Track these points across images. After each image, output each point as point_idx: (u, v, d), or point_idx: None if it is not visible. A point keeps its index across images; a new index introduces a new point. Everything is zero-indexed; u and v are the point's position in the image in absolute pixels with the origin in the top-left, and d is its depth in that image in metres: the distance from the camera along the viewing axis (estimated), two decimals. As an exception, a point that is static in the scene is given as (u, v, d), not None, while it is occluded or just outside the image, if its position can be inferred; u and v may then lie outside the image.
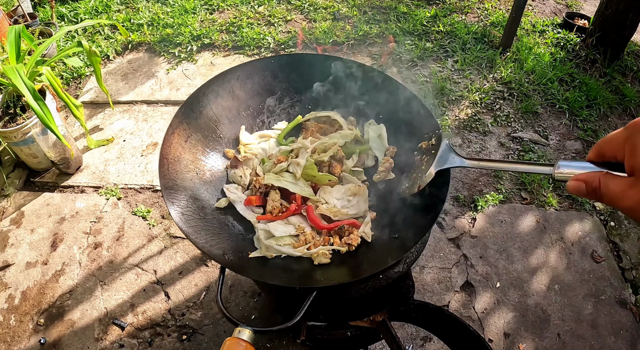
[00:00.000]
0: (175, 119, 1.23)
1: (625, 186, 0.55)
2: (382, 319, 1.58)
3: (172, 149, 1.19)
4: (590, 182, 0.59)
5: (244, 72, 1.41)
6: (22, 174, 2.93)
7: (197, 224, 1.10)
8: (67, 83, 3.51)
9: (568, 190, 0.63)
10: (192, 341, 2.18)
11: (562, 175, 0.66)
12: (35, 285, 2.43)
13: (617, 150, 0.56)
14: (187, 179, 1.20)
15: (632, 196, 0.53)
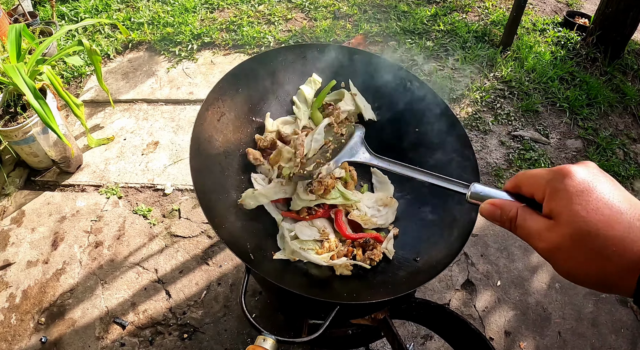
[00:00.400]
0: (211, 93, 1.16)
1: (542, 227, 0.56)
2: (383, 317, 1.59)
3: (204, 128, 1.12)
4: (506, 210, 0.61)
5: (290, 55, 1.34)
6: (22, 173, 2.93)
7: (225, 215, 1.05)
8: (67, 82, 3.51)
9: (481, 213, 0.63)
10: (193, 340, 2.18)
11: (476, 199, 0.64)
12: (36, 284, 2.43)
13: (536, 188, 0.58)
14: (216, 162, 1.14)
15: (548, 239, 0.55)
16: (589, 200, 0.52)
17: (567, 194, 0.54)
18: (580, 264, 0.53)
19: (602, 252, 0.51)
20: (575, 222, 0.52)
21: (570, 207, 0.53)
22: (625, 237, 0.50)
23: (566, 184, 0.54)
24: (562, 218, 0.54)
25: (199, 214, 2.64)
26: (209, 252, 2.47)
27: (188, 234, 2.55)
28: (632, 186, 2.82)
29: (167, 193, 2.74)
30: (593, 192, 0.53)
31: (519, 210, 0.59)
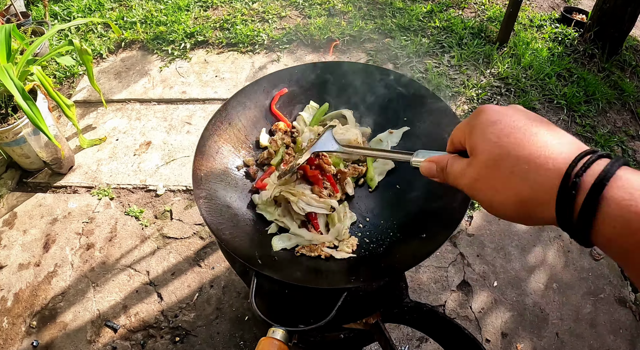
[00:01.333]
0: (205, 131, 1.25)
1: (464, 165, 0.58)
2: (375, 321, 1.56)
3: (204, 161, 1.22)
4: (440, 162, 0.64)
5: (270, 82, 1.43)
6: (14, 174, 2.90)
7: (231, 231, 1.12)
8: (60, 82, 3.48)
9: (421, 172, 0.67)
10: (185, 343, 2.16)
11: (418, 161, 0.70)
12: (28, 287, 2.40)
13: (462, 136, 0.60)
14: (219, 188, 1.22)
15: (468, 174, 0.57)
16: (501, 128, 0.53)
17: (480, 127, 0.55)
18: (497, 190, 0.52)
19: (516, 172, 0.50)
20: (487, 149, 0.53)
21: (484, 137, 0.54)
22: (539, 155, 0.49)
23: (480, 119, 0.56)
24: (477, 149, 0.55)
25: (191, 215, 2.61)
26: (201, 254, 2.44)
27: (180, 235, 2.52)
28: (630, 184, 2.78)
29: (159, 194, 2.71)
30: (506, 120, 0.54)
31: (449, 160, 0.62)
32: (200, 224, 2.56)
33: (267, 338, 0.88)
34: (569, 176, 0.46)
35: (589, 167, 0.46)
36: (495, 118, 0.55)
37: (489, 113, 0.56)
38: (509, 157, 0.51)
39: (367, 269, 1.14)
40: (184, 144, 2.96)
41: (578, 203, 0.45)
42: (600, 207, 0.44)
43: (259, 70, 3.41)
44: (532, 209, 0.50)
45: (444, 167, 0.63)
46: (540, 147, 0.50)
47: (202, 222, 2.57)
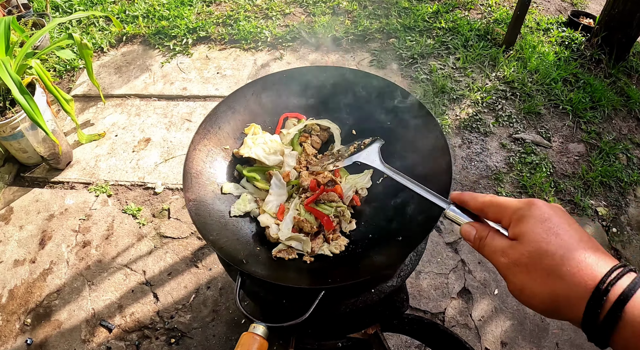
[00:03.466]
0: (196, 135, 1.28)
1: (506, 245, 0.63)
2: (374, 332, 1.53)
3: (194, 164, 1.25)
4: (480, 231, 0.68)
5: (258, 87, 1.44)
6: (12, 168, 2.87)
7: (220, 232, 1.15)
8: (60, 75, 3.44)
9: (460, 232, 0.72)
10: (181, 345, 2.13)
11: (453, 216, 0.74)
12: (23, 283, 2.37)
13: (504, 215, 0.65)
14: (208, 191, 1.25)
15: (510, 255, 0.61)
16: (550, 226, 0.59)
17: (532, 220, 0.60)
18: (533, 280, 0.58)
19: (556, 271, 0.56)
20: (536, 241, 0.59)
21: (534, 229, 0.59)
22: (579, 262, 0.55)
23: (532, 212, 0.61)
24: (525, 238, 0.60)
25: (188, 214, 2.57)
26: (199, 255, 2.41)
27: (177, 235, 2.49)
28: (634, 192, 2.75)
29: (157, 192, 2.68)
30: (555, 221, 0.60)
31: (491, 232, 0.67)
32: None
33: (248, 333, 0.92)
34: (604, 283, 0.53)
35: (618, 280, 0.53)
36: (547, 216, 0.60)
37: (542, 209, 0.61)
38: (554, 256, 0.57)
39: (345, 270, 1.15)
40: (183, 142, 2.92)
41: (605, 309, 0.52)
42: (622, 316, 0.51)
43: (262, 67, 3.37)
44: (561, 306, 0.56)
45: (484, 237, 0.67)
46: (582, 255, 0.56)
47: (200, 221, 2.53)
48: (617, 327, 0.51)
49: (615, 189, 2.74)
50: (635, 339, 0.50)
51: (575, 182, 2.74)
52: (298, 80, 1.47)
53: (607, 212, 2.63)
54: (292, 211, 1.19)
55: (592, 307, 0.52)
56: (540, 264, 0.57)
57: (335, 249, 1.16)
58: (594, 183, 2.73)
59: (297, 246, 1.15)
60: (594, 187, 2.72)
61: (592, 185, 2.73)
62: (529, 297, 0.59)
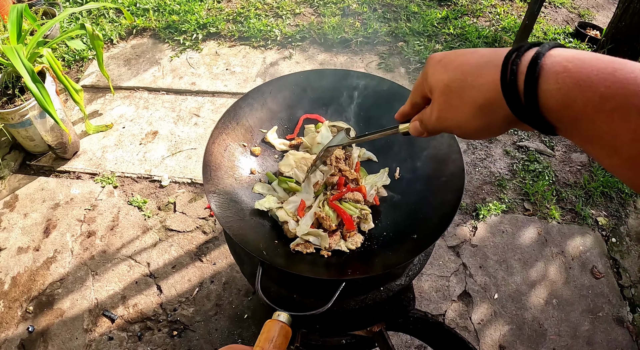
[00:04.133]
0: (215, 129, 1.31)
1: (429, 107, 0.64)
2: (379, 329, 1.55)
3: (213, 157, 1.27)
4: (418, 117, 0.70)
5: (277, 86, 1.47)
6: (18, 156, 2.88)
7: (238, 224, 1.17)
8: (68, 65, 3.44)
9: (411, 133, 0.73)
10: (183, 338, 2.15)
11: (405, 127, 0.76)
12: (26, 271, 2.38)
13: (421, 89, 0.66)
14: (227, 184, 1.28)
15: (434, 109, 0.62)
16: (446, 61, 0.59)
17: (430, 70, 0.62)
18: (458, 109, 0.57)
19: (466, 86, 0.55)
20: (439, 79, 0.59)
21: (434, 73, 0.60)
22: (480, 63, 0.54)
23: (428, 65, 0.63)
24: (433, 86, 0.61)
25: (194, 208, 2.59)
26: (203, 249, 2.42)
27: (183, 228, 2.51)
28: (634, 203, 2.78)
29: (163, 185, 2.69)
30: (449, 55, 0.60)
31: (422, 111, 0.69)
32: (203, 218, 2.55)
33: (272, 320, 0.93)
34: (507, 65, 0.50)
35: (523, 54, 0.50)
36: (440, 57, 0.61)
37: (433, 56, 0.63)
38: (456, 77, 0.57)
39: (361, 264, 1.18)
40: (191, 136, 2.94)
41: (520, 86, 0.49)
42: (540, 84, 0.47)
43: (271, 66, 3.39)
44: (490, 113, 0.54)
45: (422, 119, 0.68)
46: (481, 57, 0.55)
47: (205, 216, 2.55)
48: (540, 98, 0.48)
49: (616, 199, 2.78)
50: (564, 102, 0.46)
51: (577, 192, 2.77)
52: (317, 82, 1.49)
53: (607, 222, 2.67)
54: (314, 207, 1.21)
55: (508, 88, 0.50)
56: (452, 92, 0.57)
57: (352, 245, 1.18)
58: (595, 193, 2.76)
59: (315, 241, 1.17)
60: (595, 197, 2.75)
61: (593, 195, 2.76)
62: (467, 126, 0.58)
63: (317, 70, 1.52)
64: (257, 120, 1.46)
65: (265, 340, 0.87)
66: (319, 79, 1.49)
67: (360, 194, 1.24)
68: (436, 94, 0.60)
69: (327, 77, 1.49)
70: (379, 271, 1.09)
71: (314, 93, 1.51)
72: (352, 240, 1.19)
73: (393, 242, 1.20)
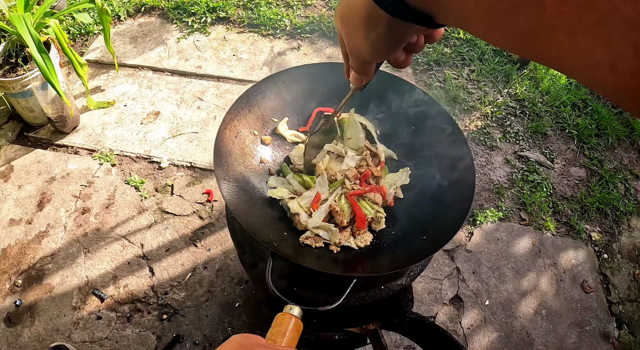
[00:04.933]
0: (227, 115, 1.29)
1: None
2: (374, 328, 1.55)
3: (225, 143, 1.26)
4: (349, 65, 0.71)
5: (291, 76, 1.45)
6: (16, 126, 2.83)
7: (247, 213, 1.16)
8: (73, 38, 3.39)
9: (352, 82, 0.76)
10: (172, 322, 2.13)
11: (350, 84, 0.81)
12: (17, 244, 2.35)
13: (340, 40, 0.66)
14: (237, 171, 1.27)
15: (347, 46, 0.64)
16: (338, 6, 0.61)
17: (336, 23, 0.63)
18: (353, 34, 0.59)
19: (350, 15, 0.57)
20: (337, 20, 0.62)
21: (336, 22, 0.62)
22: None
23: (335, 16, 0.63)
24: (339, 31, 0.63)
25: (192, 192, 2.57)
26: (199, 234, 2.41)
27: (179, 212, 2.49)
28: (629, 222, 2.81)
29: (162, 167, 2.67)
30: None
31: None
32: (201, 202, 2.53)
33: (284, 313, 0.92)
34: None
35: None
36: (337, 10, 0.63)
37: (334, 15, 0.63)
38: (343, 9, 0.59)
39: (370, 262, 1.18)
40: (193, 119, 2.91)
41: None
42: None
43: (278, 55, 3.36)
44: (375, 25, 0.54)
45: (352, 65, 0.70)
46: None
47: (202, 201, 2.53)
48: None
49: (610, 216, 2.80)
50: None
51: (573, 205, 2.80)
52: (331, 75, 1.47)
53: (601, 238, 2.69)
54: (330, 200, 1.20)
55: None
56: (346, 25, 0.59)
57: (361, 243, 1.18)
58: (591, 208, 2.79)
59: (324, 236, 1.16)
60: (591, 212, 2.78)
61: (589, 210, 2.78)
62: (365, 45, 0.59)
63: (332, 64, 1.51)
64: (270, 109, 1.44)
65: (277, 333, 0.86)
66: (333, 73, 1.47)
67: (380, 195, 1.24)
68: (341, 34, 0.63)
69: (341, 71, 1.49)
70: (387, 270, 1.09)
71: (327, 86, 1.48)
72: (361, 238, 1.19)
73: (402, 242, 1.20)
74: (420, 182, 1.35)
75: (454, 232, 1.09)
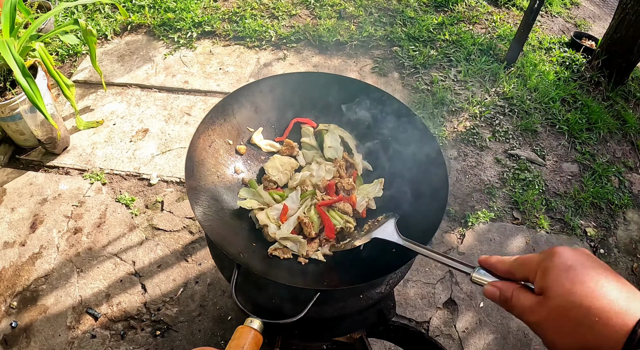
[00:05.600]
0: (202, 124, 1.29)
1: (534, 302, 0.61)
2: (359, 336, 1.55)
3: (198, 152, 1.25)
4: (504, 291, 0.66)
5: (267, 85, 1.45)
6: (7, 149, 2.86)
7: (217, 224, 1.16)
8: (62, 60, 3.42)
9: (484, 294, 0.70)
10: (166, 337, 2.14)
11: (479, 279, 0.72)
12: (11, 266, 2.36)
13: (529, 271, 0.63)
14: (209, 181, 1.26)
15: (538, 312, 0.59)
16: (575, 275, 0.57)
17: (555, 271, 0.58)
18: (564, 334, 0.56)
19: (585, 322, 0.54)
20: (561, 294, 0.57)
21: (558, 281, 0.58)
22: (609, 309, 0.53)
23: (554, 262, 0.59)
24: (550, 292, 0.58)
25: (182, 207, 2.58)
26: (189, 249, 2.41)
27: (170, 227, 2.49)
28: (624, 215, 2.79)
29: (152, 183, 2.68)
30: (580, 268, 0.57)
31: (514, 291, 0.65)
32: (191, 218, 2.53)
33: (244, 326, 0.92)
34: (636, 333, 0.50)
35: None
36: (570, 264, 0.58)
37: (564, 257, 0.59)
38: (581, 307, 0.54)
39: (338, 275, 1.18)
40: (181, 135, 2.93)
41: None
42: None
43: (264, 66, 3.38)
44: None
45: (509, 297, 0.65)
46: (611, 301, 0.53)
47: (192, 216, 2.54)
48: None
49: (605, 210, 2.78)
50: None
51: (567, 202, 2.78)
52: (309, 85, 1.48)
53: (596, 233, 2.67)
54: (299, 211, 1.20)
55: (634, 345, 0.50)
56: (567, 316, 0.56)
57: (329, 250, 1.17)
58: (585, 203, 2.77)
59: (292, 247, 1.16)
60: (585, 208, 2.76)
61: (583, 205, 2.77)
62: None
63: (310, 73, 1.52)
64: (245, 119, 1.44)
65: (236, 346, 0.87)
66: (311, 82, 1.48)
67: (349, 205, 1.24)
68: (551, 304, 0.58)
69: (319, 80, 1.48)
70: (354, 283, 1.08)
71: (305, 95, 1.49)
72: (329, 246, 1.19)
73: (371, 255, 1.19)
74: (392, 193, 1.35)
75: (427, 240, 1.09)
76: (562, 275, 0.58)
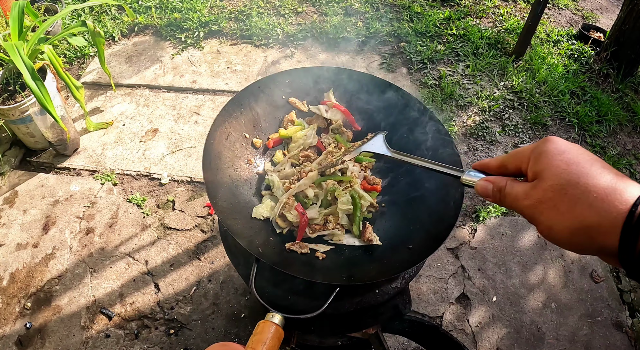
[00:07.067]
0: (219, 116, 1.28)
1: (527, 188, 0.60)
2: (375, 332, 1.54)
3: (215, 146, 1.25)
4: (497, 183, 0.65)
5: (284, 79, 1.45)
6: (18, 152, 2.88)
7: (234, 218, 1.16)
8: (70, 62, 3.44)
9: (476, 190, 0.69)
10: (180, 336, 2.14)
11: (469, 180, 0.71)
12: (25, 267, 2.38)
13: (521, 160, 0.62)
14: (226, 174, 1.26)
15: (533, 195, 0.58)
16: (570, 157, 0.56)
17: (549, 154, 0.58)
18: (561, 214, 0.54)
19: (583, 199, 0.52)
20: (556, 174, 0.55)
21: (552, 163, 0.57)
22: (608, 186, 0.52)
23: (548, 147, 0.58)
24: (545, 173, 0.57)
25: (193, 206, 2.59)
26: (202, 247, 2.42)
27: (181, 226, 2.50)
28: (636, 208, 2.77)
29: (163, 183, 2.69)
30: (574, 152, 0.57)
31: (508, 181, 0.64)
32: (202, 216, 2.54)
33: (265, 321, 0.91)
34: (637, 207, 0.49)
35: None
36: (564, 148, 0.58)
37: (557, 142, 0.59)
38: (577, 184, 0.53)
39: (357, 271, 1.17)
40: (191, 134, 2.93)
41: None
42: None
43: (272, 65, 3.38)
44: (594, 236, 0.52)
45: (502, 188, 0.64)
46: (609, 181, 0.52)
47: (204, 214, 2.55)
48: None
49: (617, 203, 2.76)
50: None
51: (578, 195, 2.76)
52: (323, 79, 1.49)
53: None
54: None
55: (629, 231, 0.49)
56: (565, 195, 0.54)
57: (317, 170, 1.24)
58: (596, 196, 2.75)
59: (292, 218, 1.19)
60: (596, 201, 2.74)
61: (594, 198, 2.74)
62: (559, 233, 0.55)
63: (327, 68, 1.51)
64: (261, 112, 1.44)
65: (258, 341, 0.86)
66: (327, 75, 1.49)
67: None
68: (545, 185, 0.57)
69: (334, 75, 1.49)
70: (372, 279, 1.08)
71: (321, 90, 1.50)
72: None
73: (389, 251, 1.19)
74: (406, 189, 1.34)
75: (439, 243, 1.08)
76: (557, 157, 0.57)
